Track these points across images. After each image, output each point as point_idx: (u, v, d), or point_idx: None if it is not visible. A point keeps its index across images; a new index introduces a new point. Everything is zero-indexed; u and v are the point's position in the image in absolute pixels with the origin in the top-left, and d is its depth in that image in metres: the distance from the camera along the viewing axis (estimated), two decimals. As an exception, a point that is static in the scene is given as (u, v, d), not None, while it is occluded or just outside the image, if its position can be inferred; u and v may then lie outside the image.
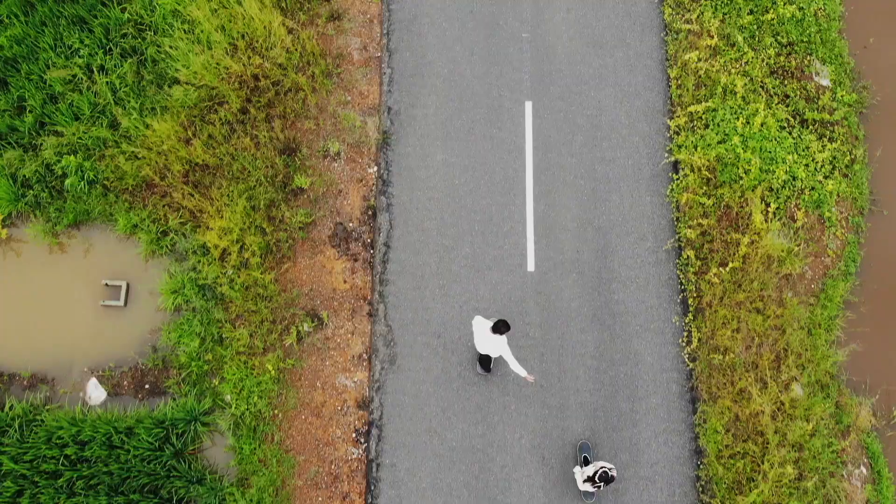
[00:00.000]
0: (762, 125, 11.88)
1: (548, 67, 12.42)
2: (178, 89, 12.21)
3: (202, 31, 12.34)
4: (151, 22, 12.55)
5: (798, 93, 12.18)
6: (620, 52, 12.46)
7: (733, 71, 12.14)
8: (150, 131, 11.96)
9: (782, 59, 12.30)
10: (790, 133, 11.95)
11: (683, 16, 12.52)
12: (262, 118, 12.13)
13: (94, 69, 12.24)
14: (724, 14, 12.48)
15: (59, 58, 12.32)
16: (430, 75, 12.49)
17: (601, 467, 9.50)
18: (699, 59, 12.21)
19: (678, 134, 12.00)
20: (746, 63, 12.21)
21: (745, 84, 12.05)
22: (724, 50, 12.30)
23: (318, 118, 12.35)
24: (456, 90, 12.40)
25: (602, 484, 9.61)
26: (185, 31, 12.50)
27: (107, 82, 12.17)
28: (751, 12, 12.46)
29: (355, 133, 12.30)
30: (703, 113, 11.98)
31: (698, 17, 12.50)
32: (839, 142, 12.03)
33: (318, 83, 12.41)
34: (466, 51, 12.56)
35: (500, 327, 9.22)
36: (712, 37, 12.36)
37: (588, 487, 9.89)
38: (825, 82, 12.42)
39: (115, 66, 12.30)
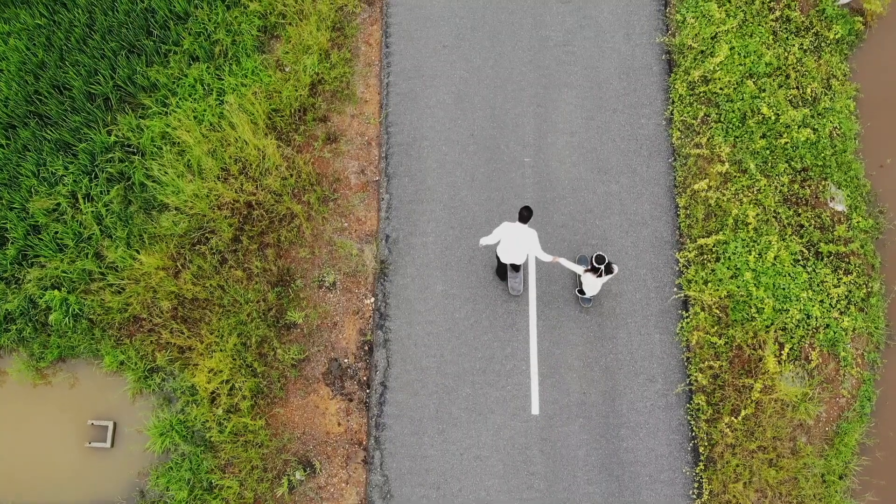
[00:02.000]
0: (775, 259, 11.57)
1: (551, 194, 12.12)
2: (166, 217, 11.91)
3: (192, 156, 11.98)
4: (139, 144, 12.20)
5: (812, 222, 11.87)
6: (626, 178, 12.15)
7: (745, 200, 11.82)
8: (138, 263, 11.59)
9: (796, 186, 12.01)
10: (804, 267, 11.63)
11: (693, 139, 12.21)
12: (254, 248, 11.77)
13: (79, 197, 11.88)
14: (736, 138, 12.18)
15: (43, 185, 12.03)
16: (430, 201, 12.17)
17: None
18: (709, 188, 11.90)
19: (688, 267, 11.66)
20: (759, 191, 11.91)
21: (758, 214, 11.75)
22: (735, 177, 12.00)
23: (313, 246, 12.03)
24: (456, 217, 12.08)
25: (602, 269, 10.19)
26: (175, 154, 12.13)
27: (92, 211, 11.79)
28: (763, 136, 12.17)
29: (352, 262, 11.97)
30: (714, 246, 11.63)
31: (708, 140, 12.20)
32: (855, 273, 11.72)
33: (314, 210, 12.08)
34: (467, 176, 12.24)
35: (526, 214, 10.00)
36: (723, 162, 12.07)
37: (590, 278, 10.42)
38: (840, 207, 12.12)
39: (101, 193, 11.99)
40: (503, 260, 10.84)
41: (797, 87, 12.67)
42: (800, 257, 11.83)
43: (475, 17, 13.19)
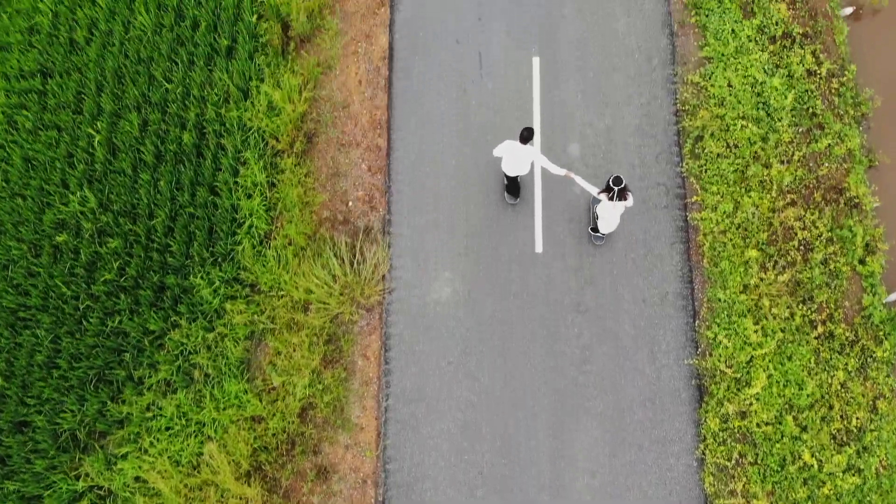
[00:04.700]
0: None
1: (570, 548, 11.06)
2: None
3: (168, 508, 10.97)
4: (111, 487, 11.13)
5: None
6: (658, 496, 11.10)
7: (786, 566, 10.77)
8: None
9: (842, 545, 10.93)
10: None
11: (727, 485, 11.43)
12: None
13: (42, 561, 10.83)
14: (775, 483, 11.31)
15: (1, 551, 10.94)
16: (434, 558, 11.11)
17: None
18: (746, 551, 10.83)
19: None
20: (802, 555, 10.84)
21: (801, 584, 10.67)
22: (775, 535, 10.93)
23: None
24: (463, 575, 11.01)
25: (615, 189, 10.63)
26: (150, 498, 11.08)
27: (56, 581, 10.74)
28: (805, 483, 11.18)
29: None
30: None
31: (744, 487, 11.37)
32: None
33: (303, 570, 11.01)
34: (475, 527, 11.18)
35: (527, 135, 10.88)
36: (761, 517, 11.01)
37: (605, 205, 10.97)
38: (891, 560, 11.02)
39: (66, 556, 10.91)
40: (509, 173, 11.79)
41: (842, 417, 11.65)
42: None
43: (482, 328, 12.20)
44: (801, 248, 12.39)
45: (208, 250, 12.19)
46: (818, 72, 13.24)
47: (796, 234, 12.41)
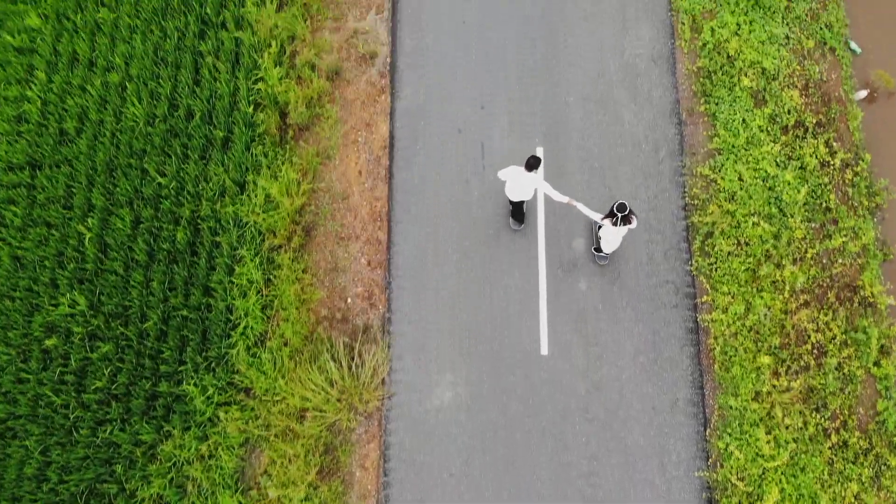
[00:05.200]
0: None
1: None
2: None
3: None
4: None
5: None
6: None
7: None
8: None
9: None
10: None
11: None
12: None
13: None
14: None
15: None
16: None
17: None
18: None
19: None
20: None
21: None
22: None
23: None
24: None
25: (619, 216, 10.86)
26: None
27: None
28: None
29: None
30: None
31: None
32: None
33: None
34: None
35: (533, 163, 10.93)
36: None
37: (609, 228, 11.15)
38: None
39: None
40: (512, 198, 11.83)
41: (857, 530, 11.27)
42: None
43: (485, 435, 11.90)
44: (815, 351, 12.03)
45: (201, 355, 11.83)
46: (832, 162, 12.90)
47: (809, 337, 12.05)
